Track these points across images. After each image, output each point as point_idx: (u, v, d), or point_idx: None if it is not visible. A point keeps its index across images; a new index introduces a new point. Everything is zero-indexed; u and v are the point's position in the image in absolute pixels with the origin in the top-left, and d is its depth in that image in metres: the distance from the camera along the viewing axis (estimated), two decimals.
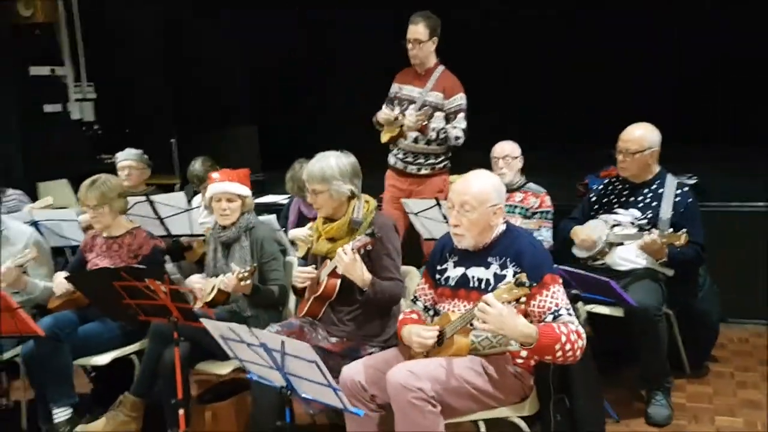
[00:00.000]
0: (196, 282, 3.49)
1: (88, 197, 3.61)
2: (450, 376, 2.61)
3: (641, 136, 3.86)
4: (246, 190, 3.52)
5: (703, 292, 4.01)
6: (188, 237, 4.43)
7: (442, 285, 2.88)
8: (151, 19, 8.25)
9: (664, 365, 3.68)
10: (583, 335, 2.61)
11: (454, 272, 2.85)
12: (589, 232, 3.91)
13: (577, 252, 4.03)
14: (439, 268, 2.91)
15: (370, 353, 3.03)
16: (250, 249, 3.47)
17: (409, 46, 4.60)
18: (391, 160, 4.94)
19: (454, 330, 2.66)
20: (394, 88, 4.89)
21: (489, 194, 2.72)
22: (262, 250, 3.46)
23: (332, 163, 3.12)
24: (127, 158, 4.99)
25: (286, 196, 5.15)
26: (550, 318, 2.61)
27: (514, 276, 2.55)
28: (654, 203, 3.86)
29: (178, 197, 4.24)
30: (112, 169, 5.69)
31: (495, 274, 2.74)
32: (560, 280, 2.70)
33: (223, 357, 3.07)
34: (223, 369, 3.34)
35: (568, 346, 2.54)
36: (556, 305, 2.62)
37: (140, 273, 2.90)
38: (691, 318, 3.99)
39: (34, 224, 4.20)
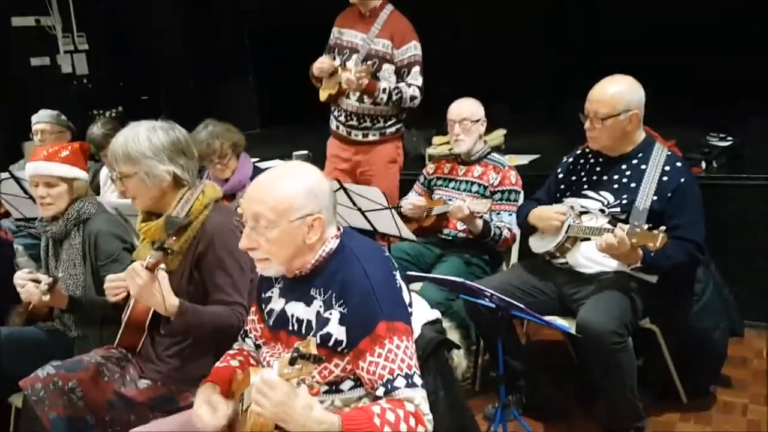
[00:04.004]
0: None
1: None
2: None
3: (615, 95, 2.85)
4: (74, 171, 2.72)
5: (702, 303, 2.99)
6: None
7: (266, 321, 2.05)
8: None
9: (631, 404, 2.76)
10: (426, 417, 1.74)
11: (276, 304, 2.01)
12: (556, 208, 2.97)
13: (536, 245, 3.10)
14: (263, 295, 2.08)
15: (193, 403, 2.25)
16: (81, 248, 2.72)
17: None
18: (333, 124, 4.09)
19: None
20: (334, 33, 4.00)
21: (294, 201, 1.83)
22: (96, 250, 2.68)
23: (141, 136, 2.31)
24: (39, 121, 4.33)
25: None
26: (381, 390, 1.75)
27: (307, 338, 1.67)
28: (633, 184, 2.88)
29: None
30: None
31: (318, 315, 1.87)
32: (406, 329, 1.81)
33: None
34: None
35: None
36: (391, 372, 1.75)
37: None
38: (683, 336, 3.02)
39: None
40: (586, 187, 3.00)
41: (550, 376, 3.39)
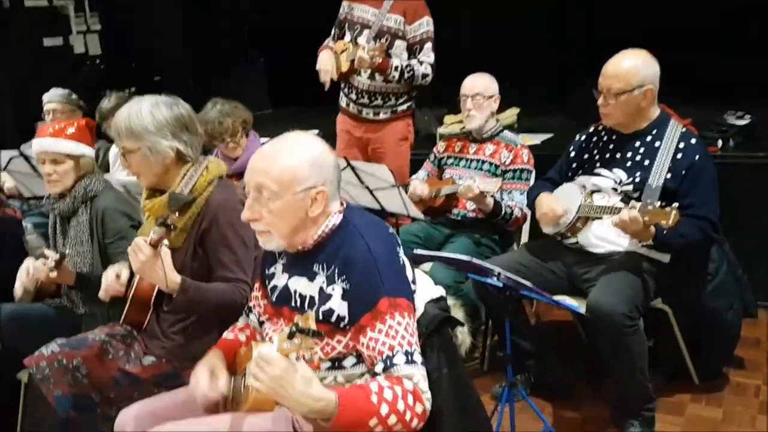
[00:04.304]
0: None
1: None
2: None
3: (629, 70, 2.79)
4: (80, 148, 2.71)
5: (715, 283, 2.94)
6: None
7: (269, 297, 2.04)
8: None
9: (641, 386, 2.71)
10: (425, 395, 1.72)
11: (280, 280, 1.99)
12: (554, 205, 2.92)
13: (544, 226, 3.05)
14: (267, 271, 2.06)
15: None
16: (88, 225, 2.71)
17: None
18: (342, 101, 4.05)
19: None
20: (344, 7, 3.95)
21: (299, 172, 1.80)
22: (104, 227, 2.68)
23: (144, 111, 2.28)
24: (51, 100, 4.32)
25: None
26: (380, 367, 1.73)
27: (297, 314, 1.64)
28: (646, 162, 2.82)
29: None
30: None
31: (321, 291, 1.85)
32: (409, 306, 1.79)
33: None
34: None
35: (393, 419, 1.65)
36: (391, 348, 1.72)
37: None
38: (696, 316, 2.97)
39: None
40: (598, 165, 2.95)
41: (559, 356, 3.36)
